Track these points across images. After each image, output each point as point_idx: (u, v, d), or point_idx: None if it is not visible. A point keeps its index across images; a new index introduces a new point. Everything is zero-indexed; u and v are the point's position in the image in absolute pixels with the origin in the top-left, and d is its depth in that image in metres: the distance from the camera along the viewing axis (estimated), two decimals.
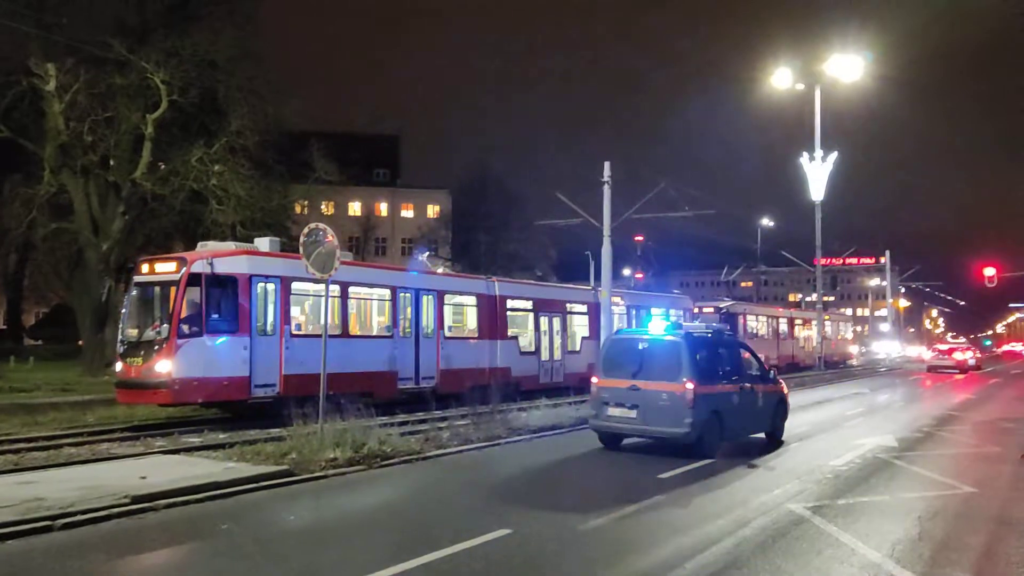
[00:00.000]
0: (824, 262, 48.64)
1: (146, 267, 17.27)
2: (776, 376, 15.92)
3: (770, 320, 45.34)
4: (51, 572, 6.83)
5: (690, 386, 12.63)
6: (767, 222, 57.87)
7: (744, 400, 14.03)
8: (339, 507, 9.66)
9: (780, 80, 38.55)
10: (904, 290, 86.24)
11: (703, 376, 13.00)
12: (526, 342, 25.01)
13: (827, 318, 50.24)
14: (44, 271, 41.86)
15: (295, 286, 17.62)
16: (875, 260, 76.12)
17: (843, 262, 67.67)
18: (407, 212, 72.29)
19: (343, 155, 39.91)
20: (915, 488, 10.74)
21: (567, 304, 27.60)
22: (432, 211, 70.63)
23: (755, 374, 15.06)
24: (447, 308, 22.18)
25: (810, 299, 73.07)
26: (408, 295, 20.84)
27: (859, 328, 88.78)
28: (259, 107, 31.19)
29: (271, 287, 17.27)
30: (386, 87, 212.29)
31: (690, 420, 12.53)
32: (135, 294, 17.23)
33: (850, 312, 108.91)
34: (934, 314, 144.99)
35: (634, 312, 30.99)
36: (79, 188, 29.71)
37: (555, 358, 26.11)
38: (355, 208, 68.25)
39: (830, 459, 12.82)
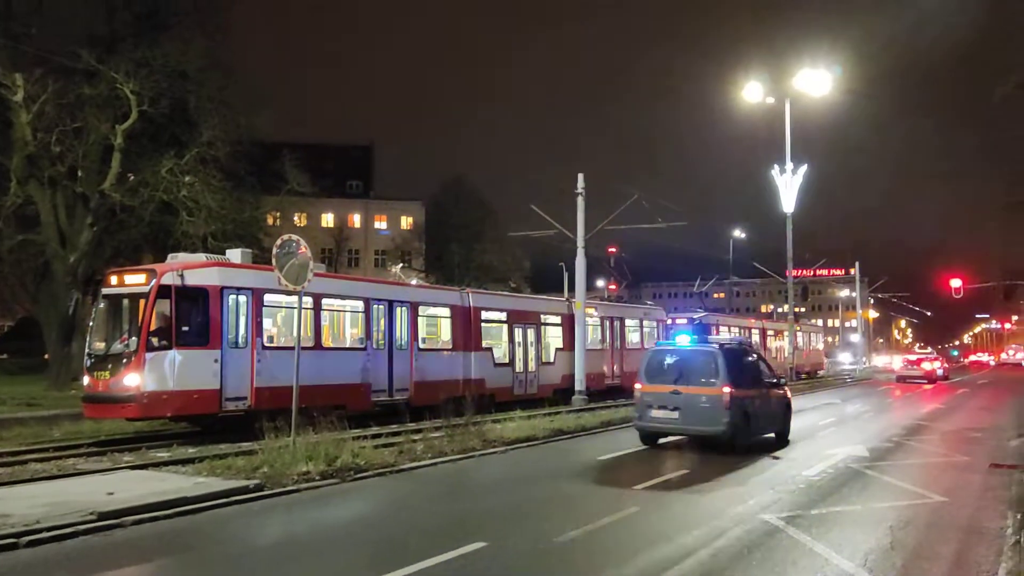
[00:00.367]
0: (795, 273, 49.09)
1: (114, 279, 17.01)
2: (783, 383, 17.79)
3: (742, 331, 45.62)
4: None
5: (727, 390, 14.31)
6: (739, 234, 58.30)
7: (763, 403, 15.84)
8: (312, 521, 9.54)
9: (751, 94, 38.98)
10: (873, 301, 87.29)
11: (735, 382, 14.61)
12: (500, 353, 24.97)
13: (798, 329, 50.67)
14: (10, 283, 41.00)
15: (267, 298, 17.47)
16: (845, 271, 77.17)
17: (814, 273, 68.55)
18: (380, 223, 72.04)
19: (316, 166, 39.82)
20: (886, 498, 10.83)
21: (541, 315, 27.62)
22: (406, 222, 70.44)
23: (770, 380, 16.95)
24: (421, 320, 22.09)
25: (782, 310, 73.80)
26: (381, 307, 20.73)
27: (830, 339, 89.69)
28: (230, 118, 30.97)
29: (243, 299, 17.09)
30: (359, 98, 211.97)
31: (727, 420, 14.24)
32: (103, 306, 16.95)
33: (821, 323, 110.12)
34: (903, 325, 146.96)
35: (608, 323, 31.09)
36: (46, 199, 29.29)
37: (529, 369, 26.09)
38: (328, 220, 67.91)
39: (803, 469, 12.89)
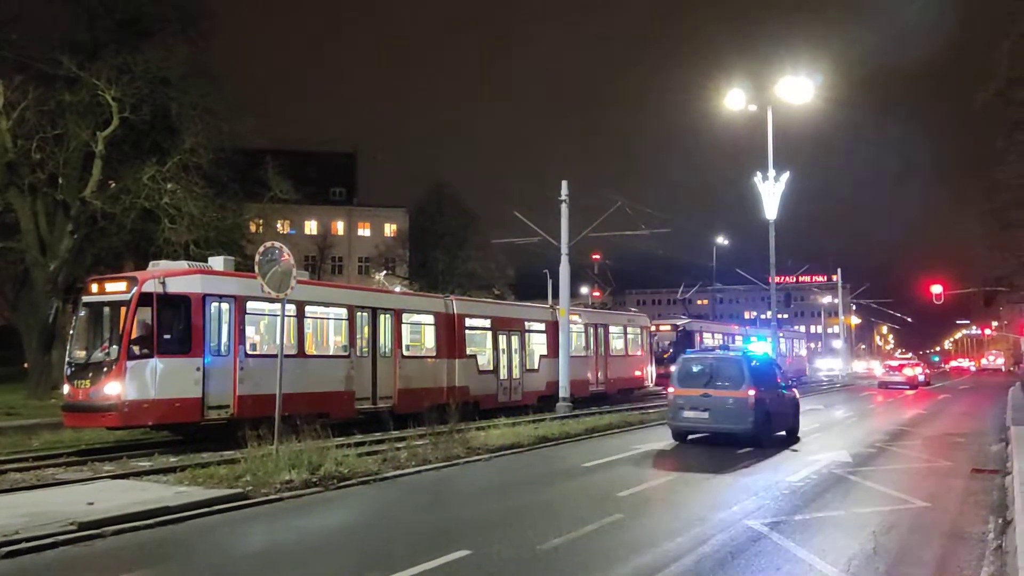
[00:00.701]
0: (778, 280, 49.28)
1: (95, 287, 16.88)
2: (792, 386, 20.05)
3: (726, 337, 45.78)
4: None
5: (751, 393, 16.24)
6: (722, 240, 58.53)
7: (779, 403, 17.65)
8: (295, 530, 9.47)
9: (733, 101, 39.18)
10: (855, 307, 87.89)
11: (758, 385, 16.57)
12: (484, 361, 24.94)
13: (782, 335, 50.93)
14: None
15: (250, 305, 17.38)
16: (827, 278, 77.50)
17: (796, 280, 68.92)
18: (364, 231, 71.82)
19: (299, 173, 39.62)
20: (869, 503, 10.87)
21: (525, 322, 27.62)
22: (389, 230, 70.28)
23: (783, 383, 19.03)
24: (405, 327, 22.04)
25: (765, 316, 74.14)
26: (365, 314, 20.66)
27: (812, 345, 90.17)
28: (213, 124, 30.81)
29: (225, 307, 16.99)
30: (343, 105, 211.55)
31: (752, 419, 16.15)
32: (83, 315, 16.81)
33: (804, 329, 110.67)
34: (884, 331, 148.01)
35: (592, 330, 31.12)
36: (26, 207, 29.04)
37: (514, 376, 26.08)
38: (311, 227, 67.68)
39: (786, 475, 12.94)
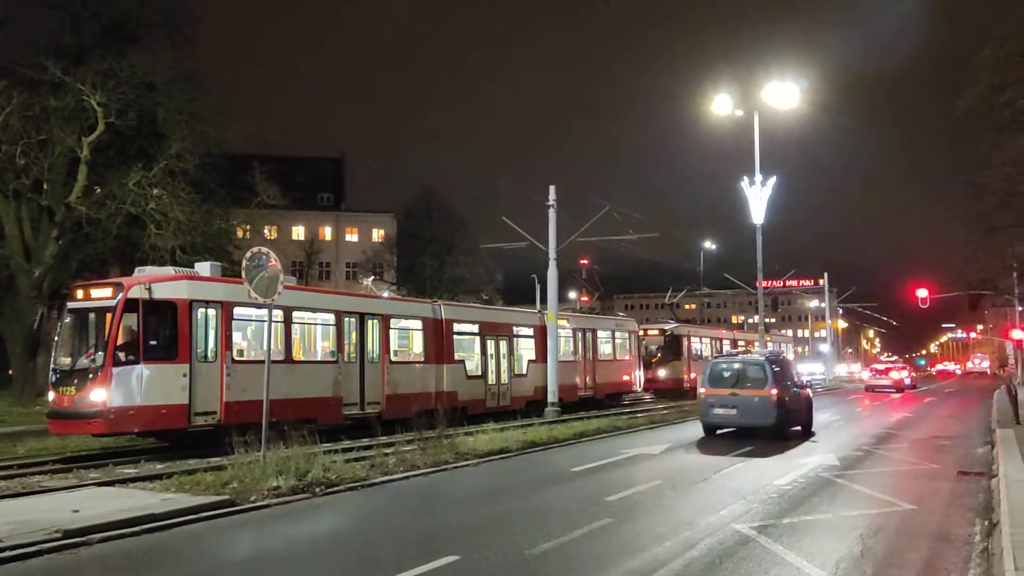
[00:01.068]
0: (765, 284, 49.44)
1: (80, 293, 16.78)
2: (806, 385, 22.38)
3: (714, 342, 45.95)
4: None
5: (774, 392, 18.50)
6: (709, 245, 58.73)
7: (796, 401, 19.81)
8: (283, 536, 9.43)
9: (720, 106, 39.37)
10: (842, 311, 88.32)
11: (779, 385, 18.76)
12: (473, 366, 24.91)
13: (769, 339, 51.08)
14: None
15: (237, 311, 17.32)
16: (814, 282, 77.82)
17: (784, 284, 69.14)
18: (351, 236, 71.68)
19: (286, 178, 39.58)
20: (857, 506, 10.91)
21: (514, 327, 27.62)
22: (377, 235, 70.17)
23: (799, 383, 21.24)
24: (393, 332, 22.00)
25: (752, 321, 74.38)
26: (353, 320, 20.62)
27: (800, 349, 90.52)
28: (199, 130, 30.73)
29: (212, 312, 16.93)
30: (330, 110, 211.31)
31: (774, 415, 18.41)
32: (69, 321, 16.71)
33: (791, 333, 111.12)
34: (871, 334, 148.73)
35: (580, 335, 31.14)
36: (11, 212, 28.87)
37: (502, 381, 26.07)
38: (299, 232, 67.49)
39: (774, 478, 12.97)
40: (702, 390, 19.93)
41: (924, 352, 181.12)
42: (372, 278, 38.25)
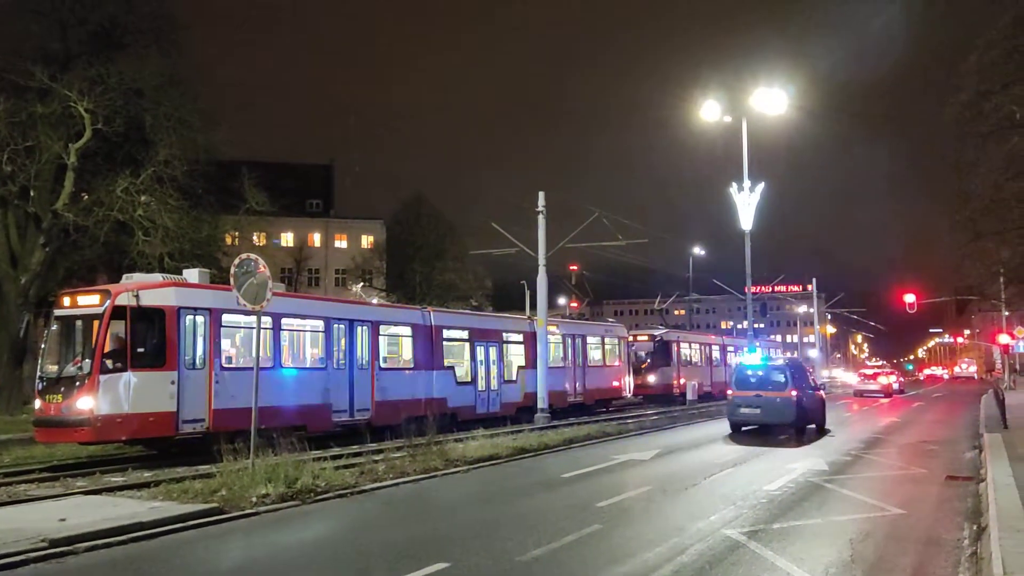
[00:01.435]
0: (754, 290, 49.53)
1: (67, 300, 16.68)
2: (819, 388, 25.34)
3: (703, 348, 46.04)
4: None
5: (794, 393, 20.90)
6: (698, 251, 58.90)
7: (811, 401, 22.26)
8: (271, 544, 9.38)
9: (708, 112, 39.52)
10: (830, 316, 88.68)
11: (798, 387, 21.27)
12: (462, 372, 24.88)
13: (758, 345, 51.19)
14: None
15: (226, 318, 17.25)
16: (802, 288, 78.09)
17: (772, 289, 69.27)
18: (341, 243, 71.49)
19: (275, 185, 39.39)
20: (846, 511, 10.94)
21: (503, 333, 27.59)
22: (366, 241, 70.01)
23: (814, 386, 24.00)
24: (382, 339, 21.95)
25: (742, 326, 74.55)
26: (342, 326, 20.56)
27: (789, 354, 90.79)
28: (188, 136, 30.55)
29: (200, 319, 16.86)
30: (319, 117, 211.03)
31: (794, 413, 20.80)
32: (55, 328, 16.62)
33: (780, 339, 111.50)
34: (859, 340, 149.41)
35: (570, 341, 31.15)
36: None
37: (492, 388, 26.03)
38: (288, 239, 67.23)
39: (764, 483, 12.99)
40: (729, 392, 22.49)
41: (912, 357, 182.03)
42: (361, 284, 38.18)
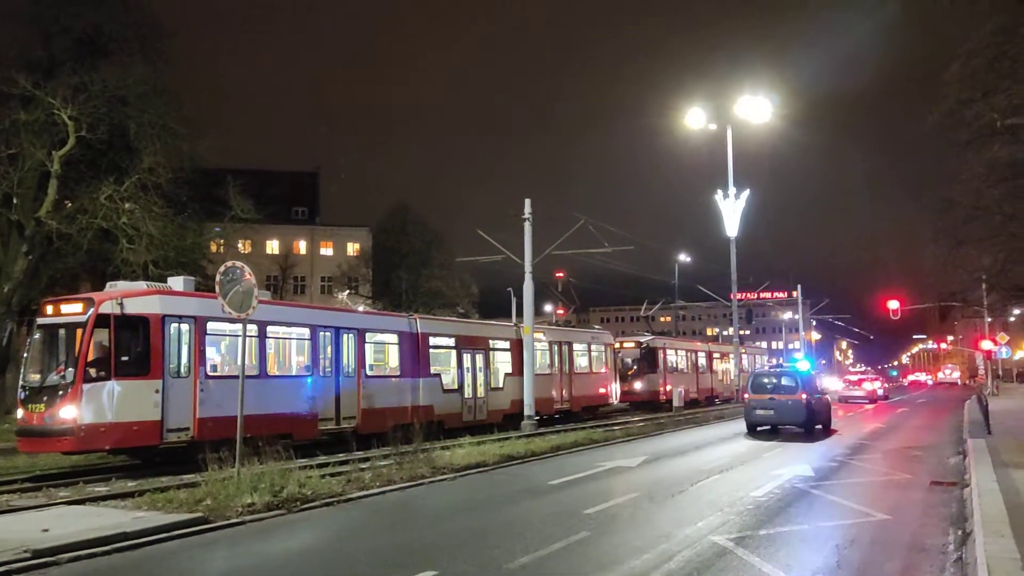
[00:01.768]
0: (740, 296, 49.87)
1: (51, 308, 16.54)
2: (825, 392, 28.98)
3: (689, 354, 46.14)
4: None
5: (804, 396, 23.53)
6: (684, 258, 59.09)
7: (819, 404, 25.04)
8: (257, 554, 9.31)
9: (693, 120, 39.77)
10: (815, 323, 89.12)
11: (807, 391, 23.92)
12: (449, 379, 24.82)
13: (744, 351, 51.42)
14: None
15: (211, 326, 17.16)
16: (788, 294, 78.46)
17: (758, 296, 69.74)
18: (326, 250, 71.32)
19: (261, 192, 39.27)
20: (832, 517, 10.99)
21: (490, 341, 27.56)
22: (352, 249, 69.84)
23: (820, 391, 27.17)
24: (368, 347, 21.87)
25: (727, 333, 74.84)
26: (328, 334, 20.49)
27: (774, 361, 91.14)
28: (172, 143, 30.48)
29: (185, 327, 16.75)
30: (305, 125, 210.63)
31: (804, 414, 23.42)
32: (38, 337, 16.46)
33: (765, 345, 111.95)
34: (844, 346, 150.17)
35: (556, 348, 31.15)
36: None
37: (478, 395, 25.99)
38: (273, 247, 67.01)
39: (751, 490, 13.02)
40: (746, 396, 25.22)
41: (896, 363, 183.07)
42: (347, 292, 38.09)
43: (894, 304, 48.64)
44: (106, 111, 28.38)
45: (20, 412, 15.84)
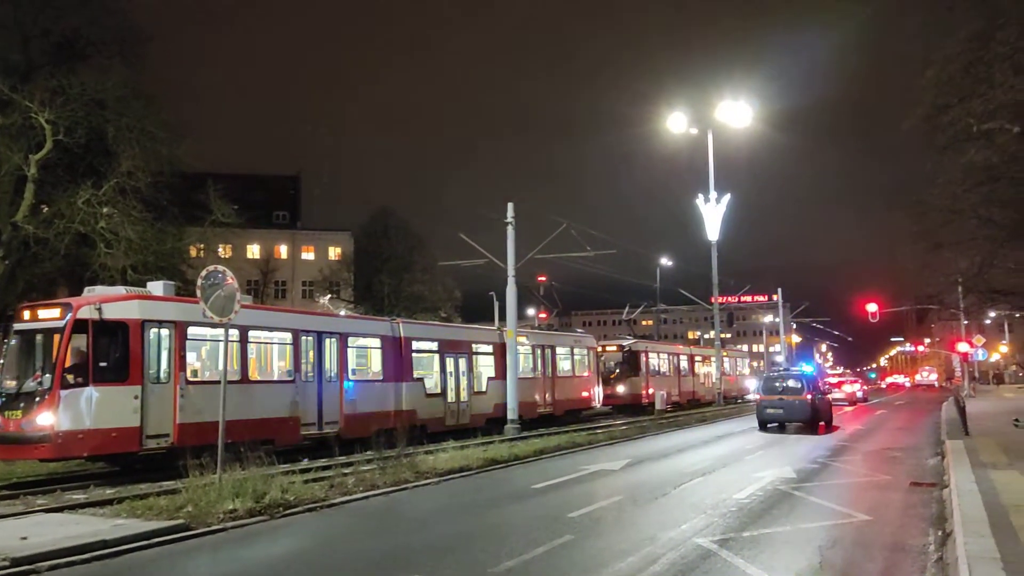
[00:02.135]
0: (721, 300, 50.19)
1: (27, 314, 16.37)
2: (826, 393, 31.15)
3: (671, 357, 46.29)
4: None
5: (809, 396, 26.35)
6: (666, 261, 59.37)
7: (822, 403, 27.81)
8: (239, 561, 9.24)
9: (674, 124, 40.00)
10: (796, 326, 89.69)
11: (812, 392, 26.68)
12: (432, 384, 24.76)
13: (725, 354, 51.66)
14: None
15: (191, 331, 17.02)
16: (768, 297, 78.92)
17: (738, 299, 69.92)
18: (308, 254, 70.96)
19: (242, 196, 39.01)
20: (814, 518, 11.05)
21: (473, 345, 27.53)
22: (334, 253, 69.54)
23: (822, 391, 29.24)
24: (350, 351, 21.78)
25: (708, 336, 75.15)
26: (310, 338, 20.39)
27: (755, 364, 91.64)
28: (151, 147, 30.18)
29: (165, 332, 16.62)
30: (286, 129, 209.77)
31: (809, 412, 26.19)
32: (15, 343, 16.28)
33: (746, 348, 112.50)
34: (824, 349, 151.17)
35: (539, 352, 31.17)
36: None
37: (461, 399, 25.94)
38: (254, 251, 66.58)
39: (734, 492, 13.08)
40: (758, 396, 29.01)
41: (874, 365, 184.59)
42: (329, 296, 37.85)
43: (872, 307, 49.12)
44: (84, 114, 28.11)
45: None
